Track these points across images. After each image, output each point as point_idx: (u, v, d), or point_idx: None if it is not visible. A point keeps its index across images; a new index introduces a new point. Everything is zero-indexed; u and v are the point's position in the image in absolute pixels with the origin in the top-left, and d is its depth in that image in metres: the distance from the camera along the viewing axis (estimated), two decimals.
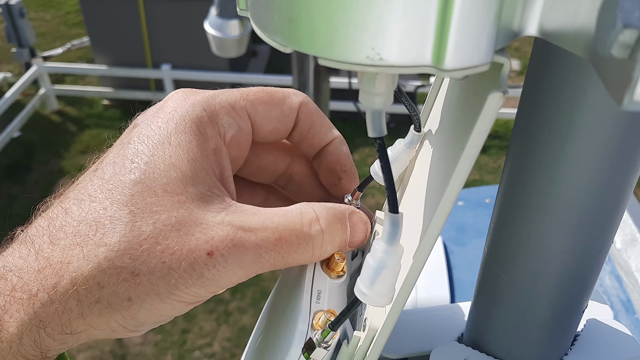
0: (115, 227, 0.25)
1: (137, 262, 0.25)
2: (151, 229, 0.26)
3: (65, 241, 0.26)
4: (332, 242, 0.29)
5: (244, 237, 0.26)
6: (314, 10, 0.18)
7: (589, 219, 0.26)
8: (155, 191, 0.26)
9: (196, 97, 0.30)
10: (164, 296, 0.26)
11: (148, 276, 0.25)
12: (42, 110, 4.07)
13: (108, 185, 0.27)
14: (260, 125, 0.32)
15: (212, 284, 0.26)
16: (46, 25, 5.28)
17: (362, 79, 0.22)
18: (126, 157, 0.28)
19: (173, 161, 0.27)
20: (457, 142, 0.25)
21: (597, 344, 0.34)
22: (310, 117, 0.33)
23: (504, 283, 0.30)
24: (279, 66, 4.35)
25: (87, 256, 0.25)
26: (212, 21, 2.14)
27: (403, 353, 0.37)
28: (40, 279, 0.25)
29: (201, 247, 0.26)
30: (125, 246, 0.25)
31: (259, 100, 0.32)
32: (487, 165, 3.51)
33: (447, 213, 0.23)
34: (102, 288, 0.25)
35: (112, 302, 0.25)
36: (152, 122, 0.29)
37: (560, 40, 0.18)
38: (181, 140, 0.28)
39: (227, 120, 0.30)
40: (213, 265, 0.26)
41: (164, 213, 0.26)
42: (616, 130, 0.23)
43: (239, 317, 2.55)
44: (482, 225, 0.94)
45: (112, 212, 0.26)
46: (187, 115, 0.29)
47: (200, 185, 0.27)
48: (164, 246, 0.25)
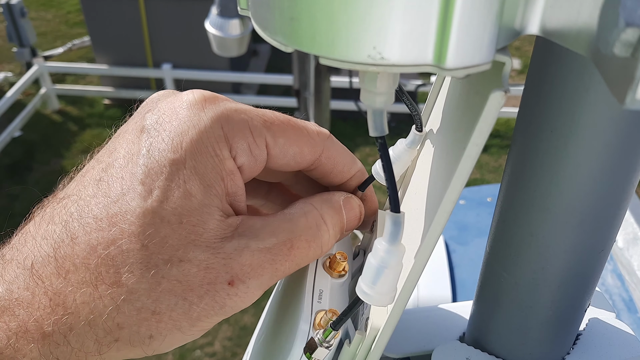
0: (131, 266, 0.24)
1: (157, 302, 0.25)
2: (169, 267, 0.25)
3: (76, 276, 0.25)
4: (335, 235, 0.29)
5: (261, 258, 0.26)
6: (316, 10, 0.18)
7: (591, 217, 0.26)
8: (170, 222, 0.25)
9: (215, 111, 0.27)
10: (186, 329, 0.25)
11: (169, 314, 0.25)
12: (43, 109, 4.08)
13: (114, 208, 0.25)
14: (275, 158, 0.30)
15: (232, 310, 0.26)
16: (47, 24, 5.28)
17: (363, 78, 0.22)
18: (135, 175, 0.26)
19: (188, 188, 0.26)
20: (459, 142, 0.25)
21: (599, 343, 0.34)
22: (333, 160, 0.32)
23: (505, 282, 0.30)
24: (280, 65, 4.35)
25: (103, 297, 0.24)
26: (213, 20, 2.14)
27: (405, 352, 0.37)
28: (54, 319, 0.24)
29: (222, 278, 0.25)
30: (144, 287, 0.24)
31: (281, 132, 0.29)
32: (488, 164, 3.51)
33: (448, 212, 0.23)
34: (122, 329, 0.25)
35: (133, 340, 0.25)
36: (163, 129, 0.27)
37: (562, 39, 0.18)
38: (197, 163, 0.26)
39: (242, 146, 0.28)
40: (235, 293, 0.26)
41: (180, 248, 0.25)
42: (618, 129, 0.23)
43: (240, 317, 2.55)
44: (483, 224, 0.94)
45: (124, 246, 0.25)
46: (204, 133, 0.27)
47: (216, 212, 0.26)
48: (184, 284, 0.25)
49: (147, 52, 3.97)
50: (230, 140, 0.27)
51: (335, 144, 0.32)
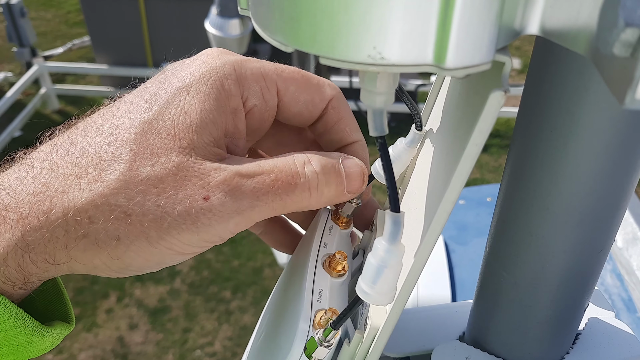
0: (115, 165, 0.25)
1: (131, 202, 0.25)
2: (149, 171, 0.25)
3: (64, 170, 0.26)
4: (327, 184, 0.28)
5: (240, 181, 0.26)
6: (316, 9, 0.18)
7: (590, 217, 0.26)
8: (160, 133, 0.26)
9: (229, 57, 0.29)
10: (154, 240, 0.25)
11: (140, 217, 0.25)
12: (43, 109, 4.07)
13: (117, 122, 0.27)
14: (287, 105, 0.31)
15: (206, 230, 0.26)
16: (47, 24, 5.28)
17: (363, 78, 0.22)
18: (142, 98, 0.28)
19: (185, 108, 0.27)
20: (459, 141, 0.25)
21: (599, 343, 0.34)
22: (339, 112, 0.33)
23: (505, 282, 0.30)
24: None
25: (82, 189, 0.25)
26: (213, 20, 2.14)
27: (404, 352, 0.37)
28: (33, 203, 0.25)
29: (197, 192, 0.26)
30: (122, 185, 0.25)
31: (292, 80, 0.31)
32: (488, 164, 3.51)
33: (448, 212, 0.23)
34: (91, 223, 0.25)
35: (100, 239, 0.25)
36: (178, 70, 0.29)
37: (561, 38, 0.18)
38: (200, 90, 0.28)
39: (254, 88, 0.29)
40: (209, 209, 0.25)
41: (163, 156, 0.26)
42: (618, 128, 0.23)
43: (240, 316, 2.55)
44: (483, 224, 0.94)
45: (114, 148, 0.26)
46: (215, 69, 0.28)
47: (206, 135, 0.27)
48: (160, 189, 0.25)
49: (147, 52, 3.97)
50: (242, 81, 0.29)
51: (344, 100, 0.33)
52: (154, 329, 2.46)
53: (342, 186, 0.29)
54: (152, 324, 2.47)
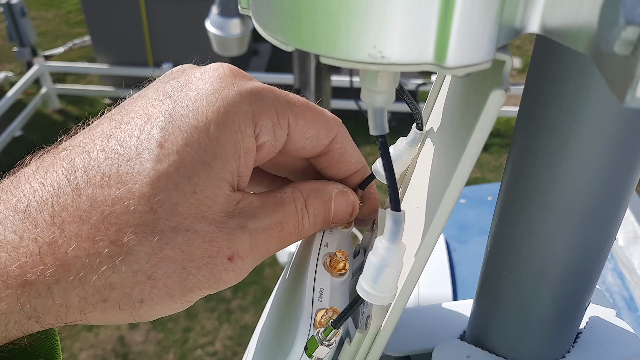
0: (136, 227, 0.23)
1: (156, 267, 0.24)
2: (174, 237, 0.24)
3: (72, 228, 0.23)
4: (314, 225, 0.30)
5: (258, 237, 0.27)
6: (316, 8, 0.18)
7: (591, 216, 0.26)
8: (183, 190, 0.24)
9: (244, 86, 0.27)
10: (177, 298, 0.25)
11: (165, 280, 0.24)
12: (43, 109, 4.08)
13: (125, 167, 0.24)
14: (293, 139, 0.30)
15: (225, 285, 0.26)
16: (47, 24, 5.28)
17: (363, 77, 0.22)
18: (153, 136, 0.24)
19: (208, 159, 0.25)
20: (459, 140, 0.25)
21: (600, 341, 0.34)
22: (343, 147, 0.32)
23: (506, 280, 0.30)
24: (280, 65, 4.35)
25: (100, 253, 0.23)
26: (213, 20, 2.14)
27: (405, 351, 0.37)
28: (41, 270, 0.23)
29: (223, 253, 0.25)
30: (146, 250, 0.23)
31: (302, 115, 0.29)
32: (488, 163, 3.51)
33: (449, 211, 0.23)
34: (113, 289, 0.24)
35: (123, 303, 0.24)
36: (188, 97, 0.26)
37: (562, 37, 0.18)
38: (220, 135, 0.25)
39: (267, 124, 0.28)
40: (232, 269, 0.26)
41: (189, 218, 0.24)
42: (619, 127, 0.23)
43: (241, 316, 2.56)
44: (484, 223, 0.94)
45: (132, 207, 0.23)
46: (232, 107, 0.26)
47: (226, 187, 0.26)
48: (186, 254, 0.24)
49: (148, 52, 3.97)
50: (257, 118, 0.27)
51: (347, 133, 0.33)
52: (155, 328, 2.46)
53: (327, 222, 0.31)
54: (152, 323, 2.47)
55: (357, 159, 0.33)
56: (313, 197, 0.30)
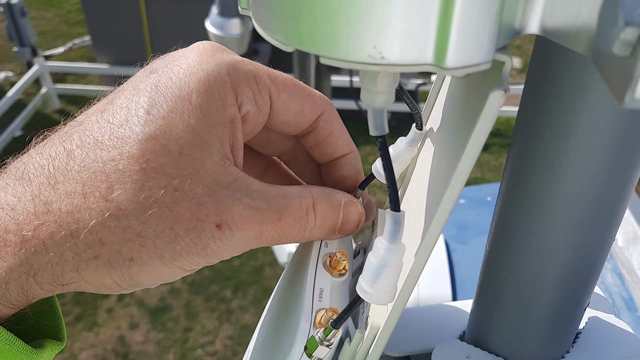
0: (125, 185, 0.24)
1: (144, 224, 0.24)
2: (162, 193, 0.25)
3: (66, 187, 0.24)
4: (322, 227, 0.30)
5: (251, 214, 0.26)
6: (316, 9, 0.18)
7: (590, 216, 0.26)
8: (170, 152, 0.25)
9: (223, 58, 0.28)
10: (167, 260, 0.25)
11: (154, 239, 0.25)
12: (43, 109, 4.08)
13: (117, 133, 0.25)
14: (276, 112, 0.30)
15: (213, 255, 0.26)
16: (47, 24, 5.28)
17: (363, 77, 0.22)
18: (141, 105, 0.26)
19: (192, 123, 0.26)
20: (459, 140, 0.25)
21: (599, 342, 0.34)
22: (330, 125, 0.32)
23: (505, 281, 0.30)
24: (281, 65, 4.34)
25: (91, 209, 0.24)
26: (213, 20, 2.14)
27: (405, 351, 0.37)
28: (36, 225, 0.24)
29: (211, 219, 0.25)
30: (134, 206, 0.24)
31: (284, 87, 0.30)
32: (488, 163, 3.51)
33: (448, 211, 0.23)
34: (104, 245, 0.24)
35: (113, 260, 0.24)
36: (172, 70, 0.27)
37: (561, 38, 0.18)
38: (202, 102, 0.27)
39: (247, 93, 0.29)
40: (219, 238, 0.26)
41: (177, 178, 0.25)
42: (618, 128, 0.23)
43: (241, 316, 2.56)
44: (483, 223, 0.94)
45: (121, 165, 0.25)
46: (211, 75, 0.27)
47: (215, 154, 0.27)
48: (174, 213, 0.25)
49: (148, 52, 3.97)
50: (236, 87, 0.28)
51: (335, 112, 0.33)
52: (155, 328, 2.46)
53: (334, 230, 0.31)
54: (152, 323, 2.47)
55: (345, 141, 0.33)
56: (323, 199, 0.30)
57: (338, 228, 0.31)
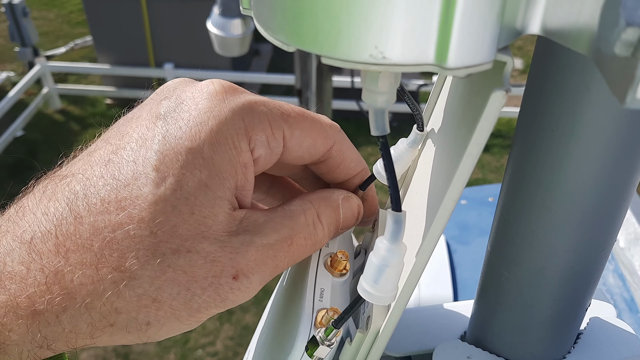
0: (138, 252, 0.24)
1: (160, 290, 0.24)
2: (176, 258, 0.24)
3: (76, 256, 0.24)
4: (329, 233, 0.30)
5: (264, 254, 0.26)
6: (318, 9, 0.18)
7: (592, 217, 0.26)
8: (181, 212, 0.25)
9: (236, 102, 0.27)
10: (184, 319, 0.25)
11: (170, 302, 0.24)
12: (45, 109, 4.08)
13: (124, 192, 0.24)
14: (289, 150, 0.30)
15: (232, 304, 0.26)
16: (49, 24, 5.29)
17: (365, 77, 0.22)
18: (149, 160, 0.25)
19: (204, 179, 0.25)
20: (460, 141, 0.25)
21: (600, 342, 0.34)
22: (342, 154, 0.32)
23: (507, 281, 0.30)
24: (282, 65, 4.35)
25: (104, 280, 0.24)
26: (215, 20, 2.15)
27: (406, 351, 0.37)
28: (49, 299, 0.23)
29: (227, 272, 0.25)
30: (148, 274, 0.24)
31: (297, 125, 0.29)
32: (489, 164, 3.51)
33: (449, 211, 0.23)
34: (119, 314, 0.24)
35: (130, 326, 0.24)
36: (181, 119, 0.26)
37: (563, 38, 0.18)
38: (214, 154, 0.26)
39: (260, 138, 0.27)
40: (238, 288, 0.26)
41: (189, 239, 0.25)
42: (619, 128, 0.23)
43: (242, 316, 2.56)
44: (485, 224, 0.94)
45: (132, 231, 0.24)
46: (225, 125, 0.26)
47: (226, 205, 0.26)
48: (189, 275, 0.25)
49: (149, 52, 3.97)
50: (250, 132, 0.27)
51: (346, 139, 0.32)
52: None
53: (337, 229, 0.31)
54: None
55: (356, 163, 0.33)
56: (324, 207, 0.30)
57: (340, 226, 0.31)
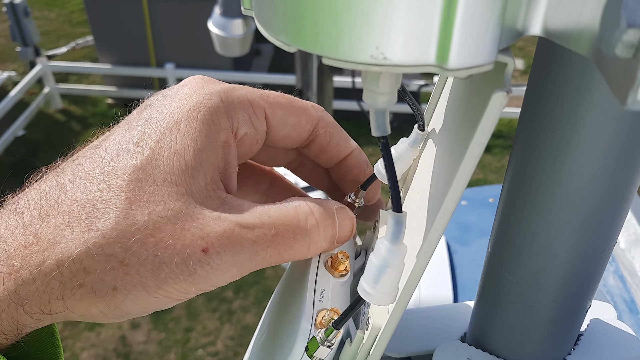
0: (109, 213, 0.25)
1: (127, 252, 0.24)
2: (146, 220, 0.25)
3: (56, 219, 0.25)
4: (325, 237, 0.29)
5: (240, 233, 0.26)
6: (319, 9, 0.18)
7: (593, 218, 0.26)
8: (155, 179, 0.26)
9: (214, 87, 0.29)
10: (151, 289, 0.25)
11: (137, 267, 0.25)
12: (46, 109, 4.09)
13: (108, 167, 0.26)
14: (275, 129, 0.31)
15: (203, 281, 0.25)
16: (50, 24, 5.29)
17: (366, 78, 0.22)
18: (131, 139, 0.27)
19: (178, 149, 0.26)
20: (461, 141, 0.25)
21: (601, 344, 0.34)
22: (329, 131, 0.33)
23: (507, 282, 0.30)
24: (283, 65, 4.35)
25: (76, 238, 0.24)
26: (216, 20, 2.15)
27: (406, 352, 0.37)
28: (25, 255, 0.24)
29: (196, 243, 0.25)
30: (117, 234, 0.24)
31: (278, 104, 0.31)
32: (490, 164, 3.51)
33: (450, 212, 0.23)
34: (87, 273, 0.24)
35: (97, 289, 0.25)
36: (164, 105, 0.28)
37: (564, 40, 0.18)
38: (191, 127, 0.27)
39: (242, 116, 0.29)
40: (207, 262, 0.25)
41: (160, 204, 0.25)
42: (620, 129, 0.23)
43: (242, 316, 2.56)
44: (485, 225, 0.94)
45: (108, 196, 0.25)
46: (203, 102, 0.28)
47: (202, 177, 0.27)
48: (158, 239, 0.25)
49: (150, 52, 3.98)
50: (231, 112, 0.29)
51: (330, 117, 0.33)
52: (156, 328, 2.46)
53: (334, 239, 0.30)
54: (154, 323, 2.48)
55: (345, 141, 0.34)
56: (318, 206, 0.29)
57: (337, 237, 0.30)
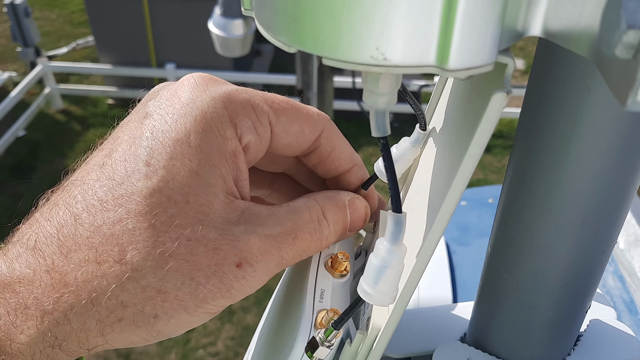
0: (137, 244, 0.24)
1: (163, 280, 0.24)
2: (176, 245, 0.24)
3: (78, 255, 0.24)
4: (335, 231, 0.30)
5: (267, 243, 0.26)
6: (319, 10, 0.18)
7: (592, 219, 0.26)
8: (177, 202, 0.25)
9: (217, 90, 0.27)
10: (192, 310, 0.25)
11: (175, 293, 0.25)
12: (46, 109, 4.09)
13: (120, 190, 0.25)
14: (277, 137, 0.30)
15: (238, 294, 0.26)
16: (51, 24, 5.29)
17: (366, 78, 0.22)
18: (139, 157, 0.26)
19: (194, 167, 0.26)
20: (461, 142, 0.25)
21: (600, 344, 0.34)
22: (332, 142, 0.32)
23: (507, 283, 0.30)
24: (283, 66, 4.35)
25: (107, 274, 0.24)
26: (216, 21, 2.15)
27: (406, 352, 0.37)
28: (55, 297, 0.24)
29: (230, 260, 0.25)
30: (150, 265, 0.24)
31: (282, 111, 0.29)
32: (490, 164, 3.50)
33: (450, 212, 0.23)
34: (126, 307, 0.24)
35: (137, 319, 0.24)
36: (166, 113, 0.27)
37: (564, 40, 0.18)
38: (201, 141, 0.26)
39: (246, 124, 0.28)
40: (242, 276, 0.26)
41: (187, 227, 0.25)
42: (620, 130, 0.23)
43: (243, 316, 2.56)
44: (485, 225, 0.94)
45: (130, 225, 0.24)
46: (208, 112, 0.27)
47: (221, 193, 0.26)
48: (191, 263, 0.25)
49: (151, 52, 3.98)
50: (234, 119, 0.27)
51: (335, 128, 0.32)
52: None
53: (345, 230, 0.31)
54: None
55: (348, 155, 0.33)
56: (330, 205, 0.30)
57: (348, 227, 0.31)
